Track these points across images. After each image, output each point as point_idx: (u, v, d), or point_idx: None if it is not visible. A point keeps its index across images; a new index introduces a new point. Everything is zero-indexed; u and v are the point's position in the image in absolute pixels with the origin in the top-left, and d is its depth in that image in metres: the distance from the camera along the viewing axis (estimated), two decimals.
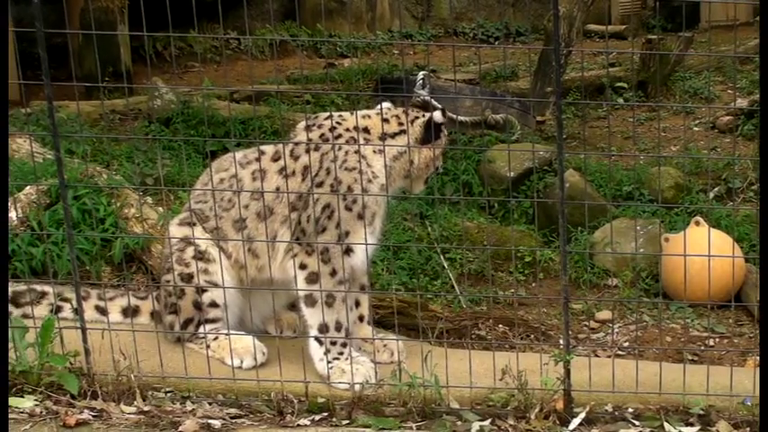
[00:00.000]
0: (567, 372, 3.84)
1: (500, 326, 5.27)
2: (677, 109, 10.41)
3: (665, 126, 10.13)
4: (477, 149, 7.64)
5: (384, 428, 3.68)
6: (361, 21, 15.31)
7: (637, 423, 3.82)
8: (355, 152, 3.99)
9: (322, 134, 4.08)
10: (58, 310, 4.29)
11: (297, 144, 4.11)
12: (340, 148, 4.00)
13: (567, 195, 3.99)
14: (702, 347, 5.08)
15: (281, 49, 13.64)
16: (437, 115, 4.19)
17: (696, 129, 10.13)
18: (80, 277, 4.10)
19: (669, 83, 11.05)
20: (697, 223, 5.92)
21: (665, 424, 3.80)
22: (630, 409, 3.93)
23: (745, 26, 13.31)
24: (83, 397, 3.75)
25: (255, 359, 4.11)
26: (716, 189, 7.84)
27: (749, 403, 3.84)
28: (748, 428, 3.76)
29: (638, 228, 6.35)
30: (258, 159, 4.10)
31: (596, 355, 4.88)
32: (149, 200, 5.78)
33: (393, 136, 4.12)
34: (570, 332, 4.86)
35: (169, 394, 3.91)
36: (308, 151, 4.00)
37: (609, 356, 4.79)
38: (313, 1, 14.09)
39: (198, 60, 12.17)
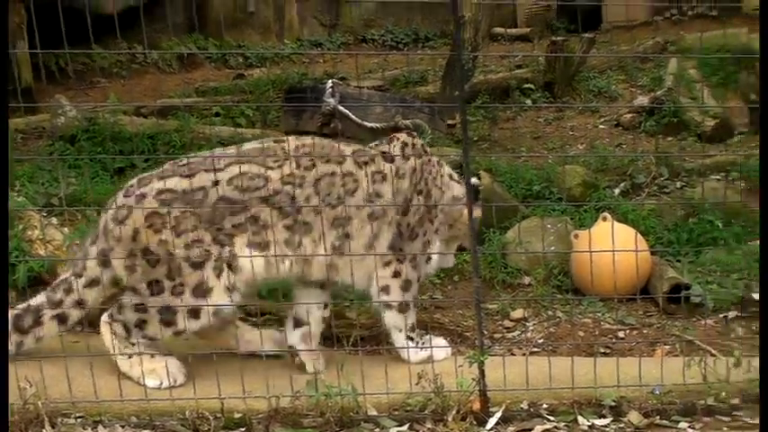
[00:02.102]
0: (482, 372, 3.89)
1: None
2: (582, 108, 10.62)
3: (571, 125, 10.35)
4: None
5: None
6: (269, 30, 15.25)
7: (552, 418, 3.89)
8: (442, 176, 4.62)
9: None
10: None
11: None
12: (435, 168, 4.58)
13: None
14: (614, 340, 5.18)
15: (189, 62, 13.50)
16: (475, 180, 4.74)
17: (601, 126, 10.37)
18: None
19: (574, 83, 11.26)
20: (604, 219, 6.04)
21: (579, 417, 3.88)
22: (545, 405, 4.00)
23: (644, 26, 13.71)
24: None
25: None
26: (621, 185, 8.01)
27: (658, 392, 3.95)
28: (658, 416, 3.86)
29: (548, 226, 6.46)
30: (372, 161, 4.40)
31: (512, 354, 4.93)
32: (54, 221, 5.63)
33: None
34: (486, 332, 4.94)
35: (80, 420, 3.82)
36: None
37: (524, 354, 4.85)
38: (219, 12, 13.95)
39: (103, 76, 11.93)
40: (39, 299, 4.29)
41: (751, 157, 8.23)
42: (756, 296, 5.49)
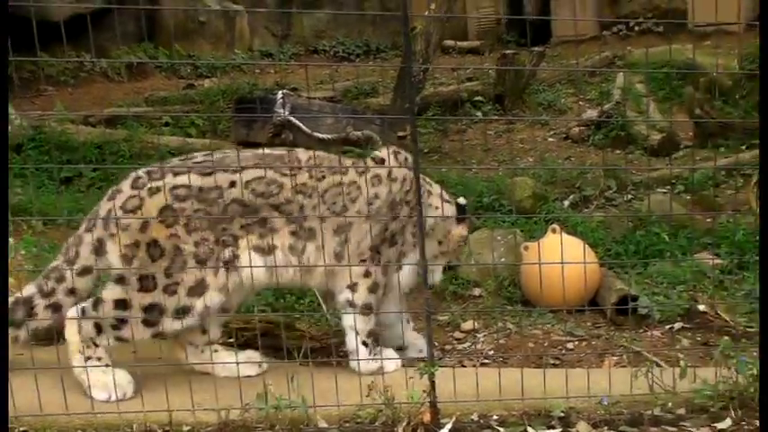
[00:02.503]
0: (433, 384, 3.89)
1: None
2: (532, 121, 10.73)
3: (521, 138, 10.44)
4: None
5: None
6: (220, 40, 15.16)
7: (502, 430, 3.90)
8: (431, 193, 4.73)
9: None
10: None
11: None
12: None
13: None
14: (563, 351, 5.23)
15: (139, 71, 13.37)
16: (462, 200, 4.93)
17: (550, 139, 10.48)
18: None
19: (524, 96, 11.38)
20: (553, 231, 6.09)
21: (529, 428, 3.89)
22: (495, 417, 4.00)
23: (592, 41, 13.91)
24: None
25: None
26: (571, 197, 8.10)
27: (606, 403, 3.99)
28: (606, 427, 3.89)
29: (498, 238, 6.50)
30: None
31: (463, 366, 4.95)
32: None
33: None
34: (436, 344, 4.94)
35: None
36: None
37: (474, 366, 4.87)
38: (170, 21, 13.85)
39: (50, 84, 11.76)
40: (29, 290, 4.20)
41: (696, 171, 8.39)
42: (701, 307, 5.59)
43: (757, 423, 3.79)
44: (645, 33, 14.11)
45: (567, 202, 8.00)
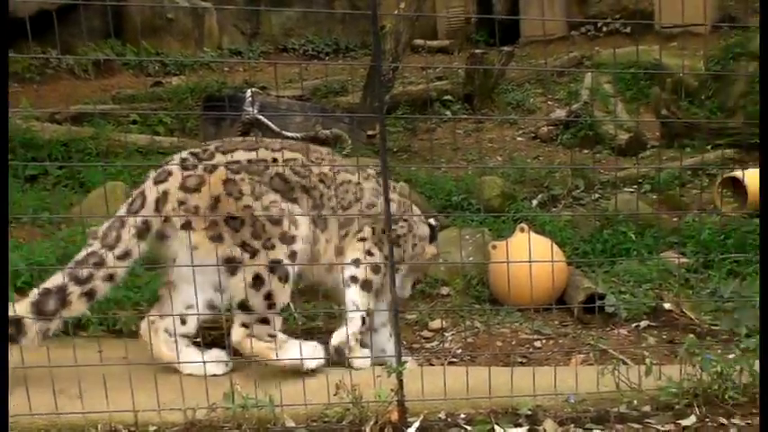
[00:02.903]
0: (401, 383, 3.89)
1: None
2: (501, 120, 10.77)
3: (490, 137, 10.48)
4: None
5: None
6: (188, 38, 15.05)
7: (469, 428, 3.90)
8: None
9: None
10: None
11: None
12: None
13: None
14: (530, 350, 5.25)
15: (106, 68, 13.23)
16: (434, 221, 5.18)
17: (519, 139, 10.53)
18: None
19: (493, 95, 11.42)
20: (522, 230, 6.12)
21: (496, 426, 3.89)
22: (463, 415, 4.00)
23: (561, 41, 13.99)
24: None
25: None
26: (539, 196, 8.15)
27: (573, 401, 4.01)
28: (572, 424, 3.91)
29: (466, 237, 6.52)
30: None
31: (431, 364, 4.96)
32: None
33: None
34: (404, 342, 4.95)
35: None
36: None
37: (442, 364, 4.88)
38: (137, 18, 13.72)
39: (15, 80, 11.61)
40: (57, 279, 4.12)
41: (663, 171, 8.47)
42: (667, 306, 5.64)
43: (721, 420, 3.85)
44: (612, 34, 14.22)
45: (535, 202, 8.04)
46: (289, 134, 8.10)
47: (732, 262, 6.27)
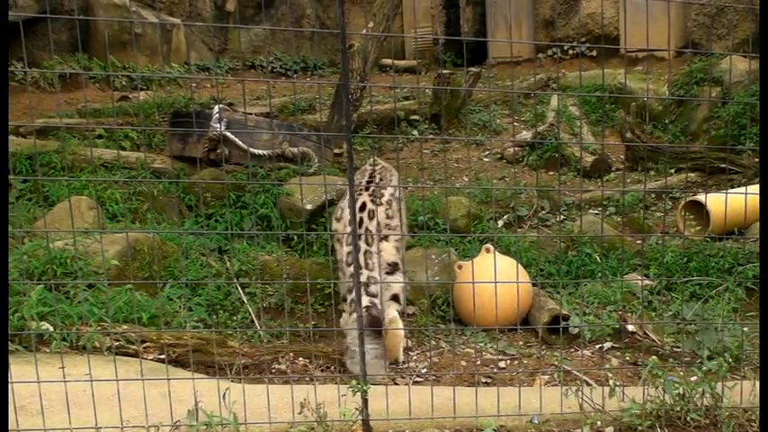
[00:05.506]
0: (365, 401, 3.88)
1: (300, 359, 5.25)
2: (468, 141, 10.82)
3: (456, 157, 10.53)
4: (274, 183, 7.63)
5: None
6: (156, 53, 14.96)
7: None
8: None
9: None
10: None
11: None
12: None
13: None
14: (495, 370, 5.27)
15: (72, 82, 13.11)
16: None
17: (485, 159, 10.58)
18: None
19: (460, 116, 11.47)
20: (487, 250, 6.15)
21: None
22: None
23: (528, 63, 14.12)
24: None
25: None
26: (505, 217, 8.19)
27: (537, 421, 4.02)
28: None
29: (432, 256, 6.54)
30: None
31: (396, 383, 4.95)
32: None
33: None
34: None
35: None
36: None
37: (407, 384, 4.88)
38: (104, 32, 13.63)
39: None
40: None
41: (627, 193, 8.56)
42: (630, 327, 5.69)
43: None
44: (578, 57, 14.37)
45: (500, 222, 8.08)
46: (256, 151, 8.07)
47: (695, 285, 6.35)
